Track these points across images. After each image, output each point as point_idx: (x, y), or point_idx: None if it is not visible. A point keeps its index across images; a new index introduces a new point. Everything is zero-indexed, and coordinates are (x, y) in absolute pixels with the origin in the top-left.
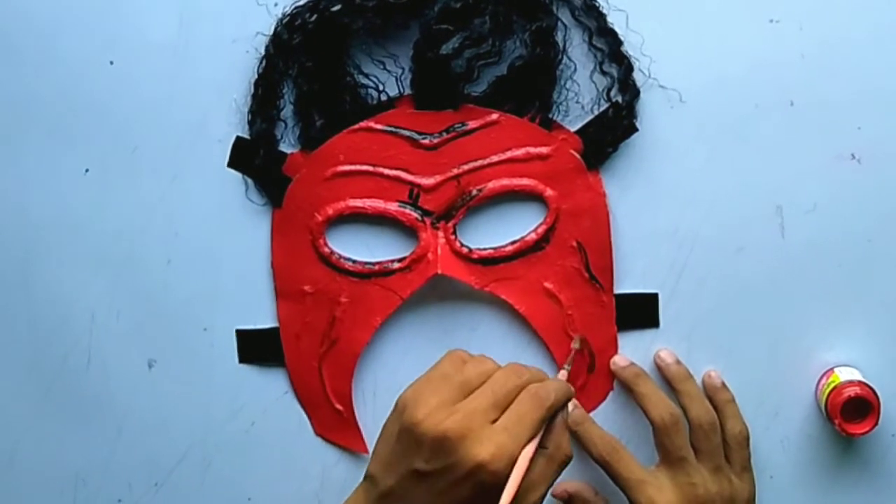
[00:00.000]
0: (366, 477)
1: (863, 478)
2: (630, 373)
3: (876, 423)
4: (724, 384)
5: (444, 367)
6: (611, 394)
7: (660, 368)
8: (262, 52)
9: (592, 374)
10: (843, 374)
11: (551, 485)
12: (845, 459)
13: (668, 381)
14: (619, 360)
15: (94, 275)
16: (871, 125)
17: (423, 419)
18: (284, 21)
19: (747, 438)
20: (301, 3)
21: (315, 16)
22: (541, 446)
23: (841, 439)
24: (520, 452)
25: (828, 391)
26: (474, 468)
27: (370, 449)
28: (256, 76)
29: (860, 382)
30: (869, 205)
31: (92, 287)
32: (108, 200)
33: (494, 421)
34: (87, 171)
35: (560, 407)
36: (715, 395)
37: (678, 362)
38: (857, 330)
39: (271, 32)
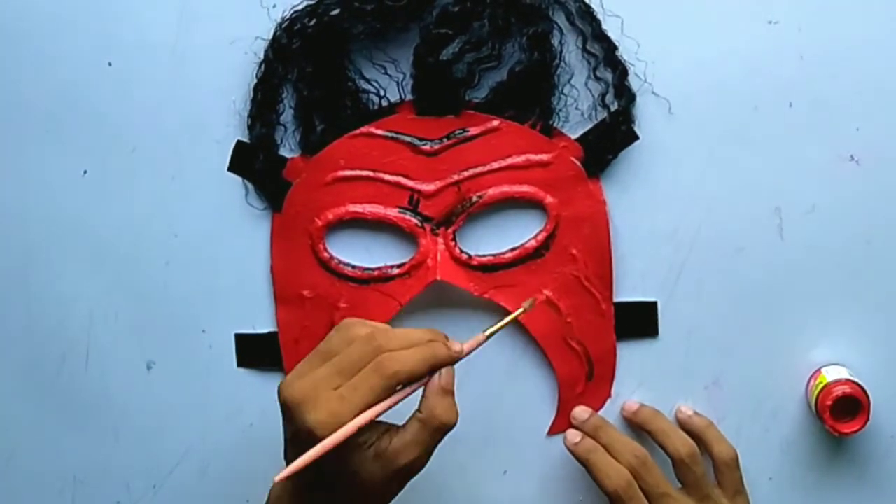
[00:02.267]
0: None
1: (863, 480)
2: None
3: (867, 421)
4: (696, 413)
5: (328, 336)
6: (608, 401)
7: (629, 418)
8: (261, 56)
9: (591, 382)
10: (830, 374)
11: (430, 451)
12: (845, 461)
13: (640, 425)
14: (630, 406)
15: (93, 276)
16: (870, 126)
17: (283, 387)
18: (283, 26)
19: (736, 460)
20: (300, 7)
21: (314, 20)
22: (417, 410)
23: (841, 441)
24: (351, 419)
25: (817, 392)
26: (307, 432)
27: None
28: (256, 81)
29: (848, 381)
30: (868, 206)
31: (90, 288)
32: (107, 201)
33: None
34: (85, 172)
35: (419, 375)
36: (692, 425)
37: (643, 405)
38: (857, 331)
39: (270, 37)
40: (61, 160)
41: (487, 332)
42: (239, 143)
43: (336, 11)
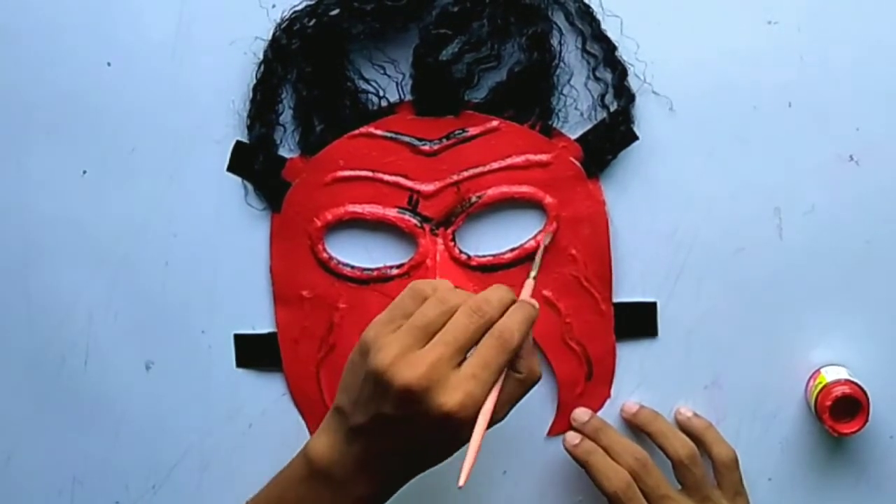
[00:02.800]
0: (336, 409)
1: (862, 480)
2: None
3: (866, 421)
4: (695, 414)
5: (405, 305)
6: (608, 402)
7: (628, 420)
8: (261, 56)
9: (590, 382)
10: (830, 374)
11: (517, 402)
12: (844, 462)
13: (639, 427)
14: (629, 407)
15: (92, 276)
16: (870, 126)
17: (387, 369)
18: (283, 26)
19: (736, 461)
20: (299, 7)
21: (314, 20)
22: (515, 371)
23: (841, 441)
24: (486, 397)
25: (816, 392)
26: (442, 417)
27: None
28: (255, 81)
29: (848, 381)
30: (867, 206)
31: (90, 288)
32: (106, 202)
33: (460, 363)
34: (84, 172)
35: (526, 337)
36: (691, 427)
37: (643, 406)
38: (856, 331)
39: (270, 37)
40: (61, 160)
41: (534, 276)
42: (238, 143)
43: (335, 12)
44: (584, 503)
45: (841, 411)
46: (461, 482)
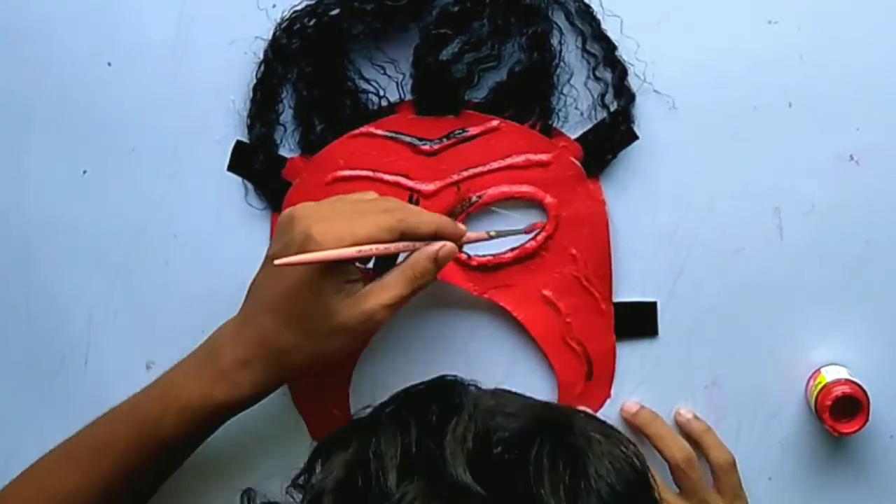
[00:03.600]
0: None
1: (862, 480)
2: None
3: (866, 421)
4: (696, 416)
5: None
6: (608, 402)
7: (628, 420)
8: (261, 56)
9: (590, 382)
10: (830, 374)
11: (395, 303)
12: (844, 461)
13: (638, 428)
14: (629, 407)
15: (93, 276)
16: (870, 126)
17: (291, 208)
18: (283, 25)
19: (733, 464)
20: (300, 7)
21: (314, 20)
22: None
23: (841, 441)
24: (350, 243)
25: (816, 392)
26: (305, 238)
27: None
28: (255, 81)
29: (848, 381)
30: (867, 206)
31: (90, 288)
32: (107, 201)
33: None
34: (84, 172)
35: (424, 234)
36: (690, 429)
37: (643, 407)
38: (856, 331)
39: (270, 37)
40: (61, 160)
41: (491, 233)
42: (238, 143)
43: (336, 11)
44: None
45: (841, 411)
46: (280, 261)
